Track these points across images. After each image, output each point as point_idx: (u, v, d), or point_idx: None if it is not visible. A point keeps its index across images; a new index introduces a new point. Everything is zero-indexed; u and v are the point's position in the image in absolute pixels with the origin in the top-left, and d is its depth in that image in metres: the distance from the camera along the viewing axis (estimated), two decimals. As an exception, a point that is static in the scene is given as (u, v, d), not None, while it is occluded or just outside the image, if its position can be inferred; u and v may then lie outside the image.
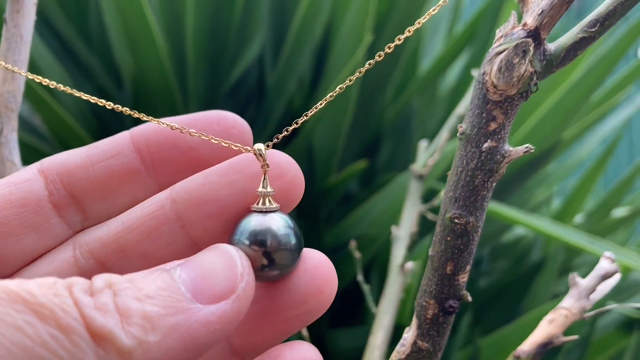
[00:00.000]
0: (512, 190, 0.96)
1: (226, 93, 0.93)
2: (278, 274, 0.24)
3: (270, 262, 0.23)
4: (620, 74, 1.07)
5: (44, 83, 0.26)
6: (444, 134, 0.51)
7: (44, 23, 0.91)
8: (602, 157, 1.12)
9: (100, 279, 0.19)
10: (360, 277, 0.47)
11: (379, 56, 0.27)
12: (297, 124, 0.27)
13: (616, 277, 0.36)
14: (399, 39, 0.26)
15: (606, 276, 0.35)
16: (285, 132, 0.27)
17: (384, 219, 0.82)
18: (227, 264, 0.21)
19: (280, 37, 0.93)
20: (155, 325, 0.19)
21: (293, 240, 0.24)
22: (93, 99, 0.26)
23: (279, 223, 0.24)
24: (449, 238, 0.27)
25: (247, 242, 0.23)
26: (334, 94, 0.27)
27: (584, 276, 0.36)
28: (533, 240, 1.00)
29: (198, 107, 0.91)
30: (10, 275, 0.25)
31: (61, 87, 0.27)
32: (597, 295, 0.35)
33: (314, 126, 0.86)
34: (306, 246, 0.25)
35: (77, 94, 0.27)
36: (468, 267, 0.28)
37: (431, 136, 0.94)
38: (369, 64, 0.27)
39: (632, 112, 1.19)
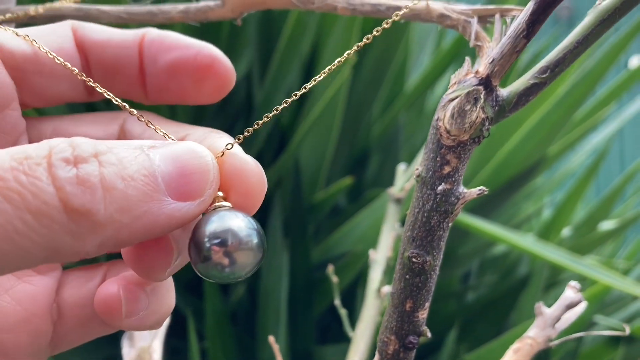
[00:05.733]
0: (499, 205, 0.96)
1: (214, 109, 0.94)
2: (239, 273, 0.23)
3: (231, 262, 0.22)
4: (609, 86, 1.07)
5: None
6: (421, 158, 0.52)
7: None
8: (590, 169, 1.13)
9: (89, 145, 0.20)
10: (337, 302, 0.47)
11: (363, 42, 0.27)
12: (286, 103, 0.27)
13: (581, 306, 0.36)
14: (377, 31, 0.27)
15: (571, 305, 0.36)
16: (266, 119, 0.27)
17: (371, 235, 0.82)
18: (201, 168, 0.22)
19: (267, 54, 0.94)
20: (131, 208, 0.20)
21: (255, 240, 0.23)
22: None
23: (240, 222, 0.23)
24: (407, 276, 0.28)
25: (207, 244, 0.22)
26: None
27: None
28: (520, 254, 1.01)
29: (186, 123, 0.91)
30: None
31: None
32: (562, 325, 0.36)
33: (301, 142, 0.87)
34: (293, 263, 0.24)
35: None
36: (427, 304, 0.28)
37: (419, 152, 0.95)
38: (351, 54, 0.27)
39: (622, 123, 1.20)
